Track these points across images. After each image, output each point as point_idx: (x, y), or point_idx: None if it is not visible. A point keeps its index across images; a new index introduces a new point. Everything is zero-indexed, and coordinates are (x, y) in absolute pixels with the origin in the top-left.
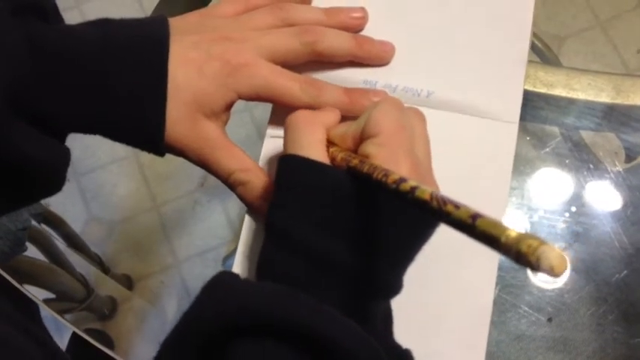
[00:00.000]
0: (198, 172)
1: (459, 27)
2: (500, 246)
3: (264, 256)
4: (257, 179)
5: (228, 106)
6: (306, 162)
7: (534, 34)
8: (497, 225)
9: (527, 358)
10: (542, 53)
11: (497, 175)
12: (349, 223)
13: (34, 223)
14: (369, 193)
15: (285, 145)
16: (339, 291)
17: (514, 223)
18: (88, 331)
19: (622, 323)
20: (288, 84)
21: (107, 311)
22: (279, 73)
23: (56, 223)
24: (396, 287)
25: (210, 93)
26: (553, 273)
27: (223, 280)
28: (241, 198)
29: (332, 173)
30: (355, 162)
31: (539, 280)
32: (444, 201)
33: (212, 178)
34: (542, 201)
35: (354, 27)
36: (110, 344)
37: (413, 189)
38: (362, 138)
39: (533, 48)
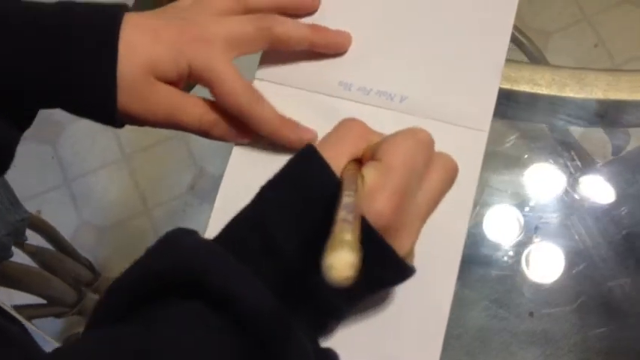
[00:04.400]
0: (188, 175)
1: (437, 34)
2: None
3: (239, 213)
4: (221, 115)
5: (181, 78)
6: (318, 160)
7: (520, 30)
8: (347, 229)
9: (508, 353)
10: (527, 49)
11: (464, 181)
12: (315, 229)
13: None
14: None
15: (326, 135)
16: (273, 278)
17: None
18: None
19: (603, 316)
20: (235, 79)
21: None
22: (231, 65)
23: (44, 228)
24: (333, 311)
25: (164, 58)
26: (330, 274)
27: (174, 236)
28: (220, 138)
29: (327, 177)
30: (347, 174)
31: (526, 274)
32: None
33: (202, 181)
34: (500, 195)
35: (308, 7)
36: None
37: (342, 221)
38: (372, 156)
39: (519, 44)
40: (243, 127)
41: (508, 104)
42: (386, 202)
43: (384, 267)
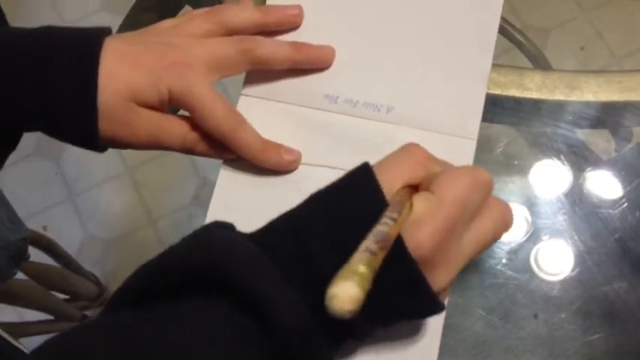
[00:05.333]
0: (192, 185)
1: (422, 43)
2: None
3: (281, 216)
4: (205, 133)
5: (162, 103)
6: (370, 180)
7: (518, 30)
8: (365, 260)
9: (514, 356)
10: (526, 48)
11: None
12: (354, 249)
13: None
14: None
15: (386, 157)
16: (302, 286)
17: None
18: None
19: (607, 317)
20: (215, 103)
21: None
22: (211, 89)
23: (47, 245)
24: (354, 330)
25: (144, 85)
26: (331, 304)
27: (210, 230)
28: (205, 155)
29: (376, 200)
30: (394, 199)
31: (530, 276)
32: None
33: (206, 191)
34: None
35: (289, 24)
36: None
37: (364, 250)
38: (428, 187)
39: (518, 44)
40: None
41: (495, 110)
42: (430, 234)
43: (415, 297)
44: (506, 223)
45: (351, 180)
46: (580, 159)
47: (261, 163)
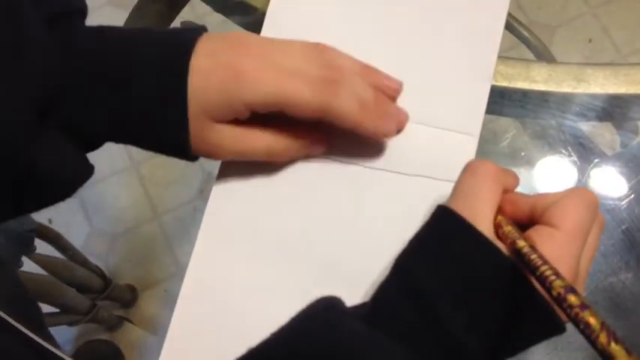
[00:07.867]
0: (197, 180)
1: (428, 39)
2: None
3: (386, 296)
4: (290, 140)
5: (241, 114)
6: (471, 232)
7: (525, 26)
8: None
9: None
10: (533, 45)
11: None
12: (485, 307)
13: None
14: (517, 285)
15: (458, 187)
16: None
17: None
18: (93, 343)
19: (613, 309)
20: (297, 86)
21: (108, 326)
22: (287, 75)
23: (53, 238)
24: None
25: (215, 104)
26: None
27: (326, 316)
28: (289, 160)
29: (493, 254)
30: (523, 247)
31: None
32: (614, 336)
33: (211, 186)
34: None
35: (385, 93)
36: (118, 354)
37: (581, 307)
38: (537, 217)
39: (524, 40)
40: (311, 145)
41: (502, 102)
42: (566, 273)
43: (550, 334)
44: (601, 229)
45: (446, 232)
46: (587, 151)
47: (363, 129)
